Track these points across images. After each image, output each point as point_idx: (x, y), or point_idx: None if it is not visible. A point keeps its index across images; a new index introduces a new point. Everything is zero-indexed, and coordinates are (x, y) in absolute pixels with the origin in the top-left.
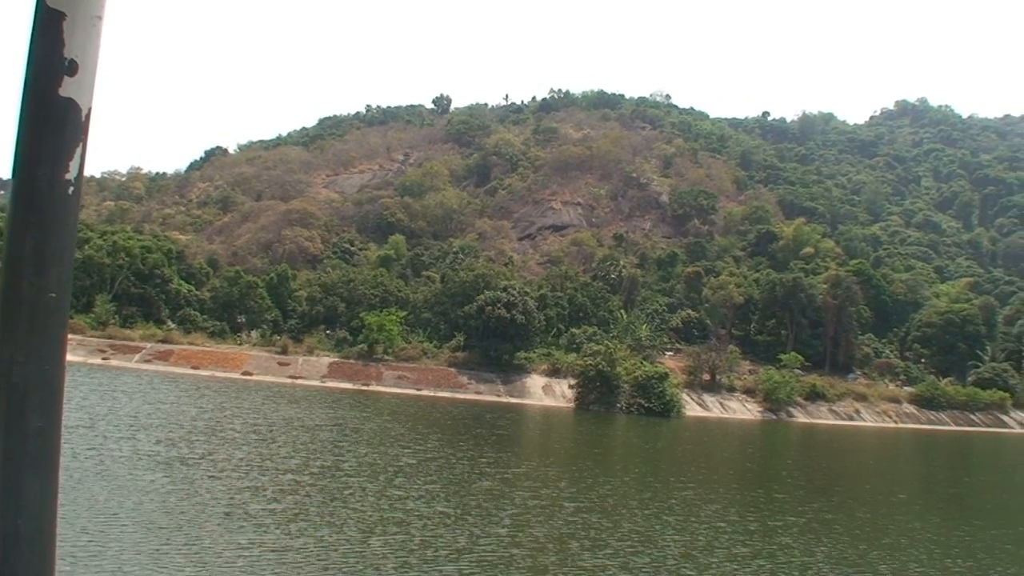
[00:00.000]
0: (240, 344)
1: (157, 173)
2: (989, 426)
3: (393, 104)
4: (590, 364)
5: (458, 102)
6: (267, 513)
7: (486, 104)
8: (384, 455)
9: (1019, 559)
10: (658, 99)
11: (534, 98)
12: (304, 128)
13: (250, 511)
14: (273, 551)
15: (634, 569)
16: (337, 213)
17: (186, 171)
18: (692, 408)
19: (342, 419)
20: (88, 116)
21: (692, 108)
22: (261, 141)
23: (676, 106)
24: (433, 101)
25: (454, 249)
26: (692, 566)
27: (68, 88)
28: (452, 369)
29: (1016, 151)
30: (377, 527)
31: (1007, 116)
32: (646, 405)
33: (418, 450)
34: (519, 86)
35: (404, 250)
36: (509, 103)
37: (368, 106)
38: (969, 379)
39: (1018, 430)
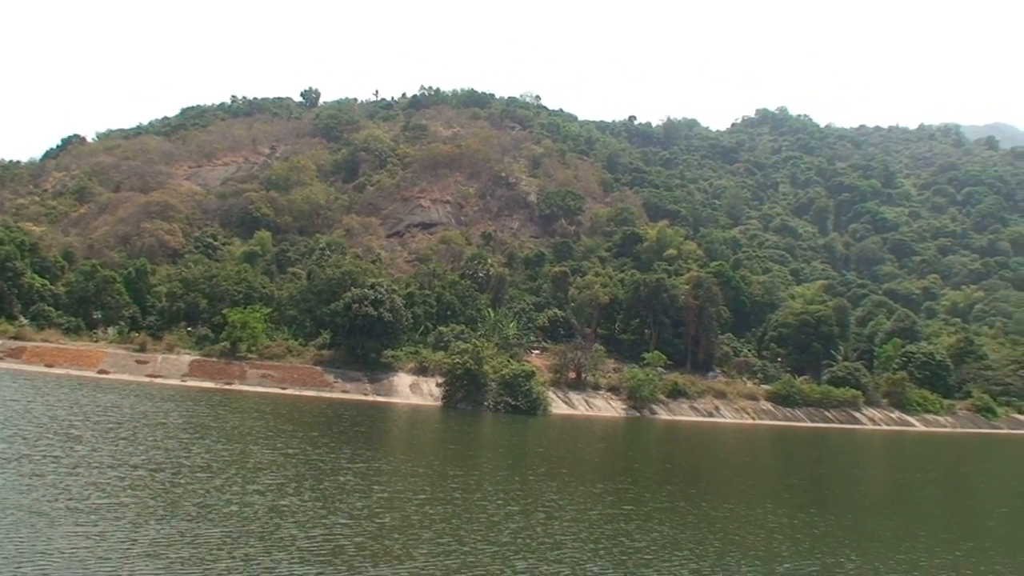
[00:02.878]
0: (96, 341)
1: (10, 161)
2: (842, 423)
3: (260, 96)
4: (458, 362)
5: (327, 96)
6: (112, 507)
7: (355, 99)
8: (237, 452)
9: (845, 543)
10: (528, 100)
11: (404, 95)
12: (166, 117)
13: (95, 506)
14: (116, 545)
15: (475, 552)
16: (199, 206)
17: (41, 159)
18: (559, 406)
19: (200, 417)
20: None
21: (561, 110)
22: (121, 130)
23: (545, 107)
24: (301, 94)
25: (321, 245)
26: (533, 549)
27: None
28: (318, 367)
29: (870, 160)
30: (220, 520)
31: (862, 126)
32: (513, 403)
33: (273, 447)
34: (389, 82)
35: (269, 246)
36: (379, 99)
37: (233, 97)
38: (823, 377)
39: (869, 426)
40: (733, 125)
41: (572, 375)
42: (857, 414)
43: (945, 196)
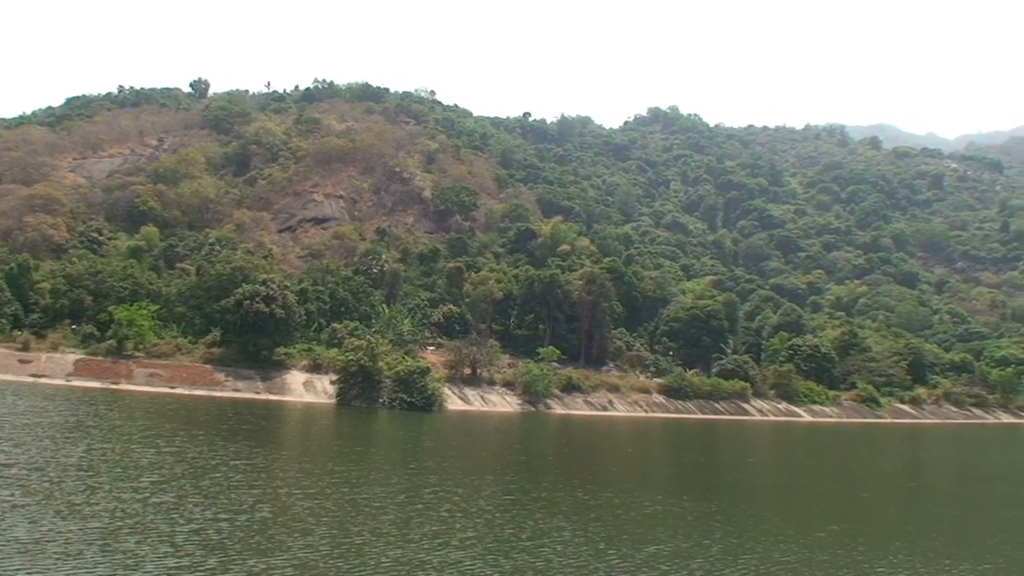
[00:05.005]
0: None
1: None
2: (732, 414)
3: (147, 86)
4: (352, 359)
5: (217, 87)
6: None
7: (247, 91)
8: (118, 451)
9: (717, 527)
10: (423, 95)
11: (297, 87)
12: (50, 107)
13: None
14: None
15: (352, 543)
16: (84, 199)
17: None
18: (454, 402)
19: (82, 417)
20: None
21: (456, 105)
22: (2, 119)
23: (440, 103)
24: (190, 85)
25: (210, 240)
26: (409, 539)
27: None
28: (208, 366)
29: (757, 159)
30: (96, 517)
31: (750, 126)
32: (408, 400)
33: (155, 446)
34: (282, 74)
35: (157, 241)
36: (271, 91)
37: (120, 87)
38: (713, 370)
39: (758, 417)
40: (626, 123)
41: (467, 371)
42: (746, 405)
43: (830, 194)
